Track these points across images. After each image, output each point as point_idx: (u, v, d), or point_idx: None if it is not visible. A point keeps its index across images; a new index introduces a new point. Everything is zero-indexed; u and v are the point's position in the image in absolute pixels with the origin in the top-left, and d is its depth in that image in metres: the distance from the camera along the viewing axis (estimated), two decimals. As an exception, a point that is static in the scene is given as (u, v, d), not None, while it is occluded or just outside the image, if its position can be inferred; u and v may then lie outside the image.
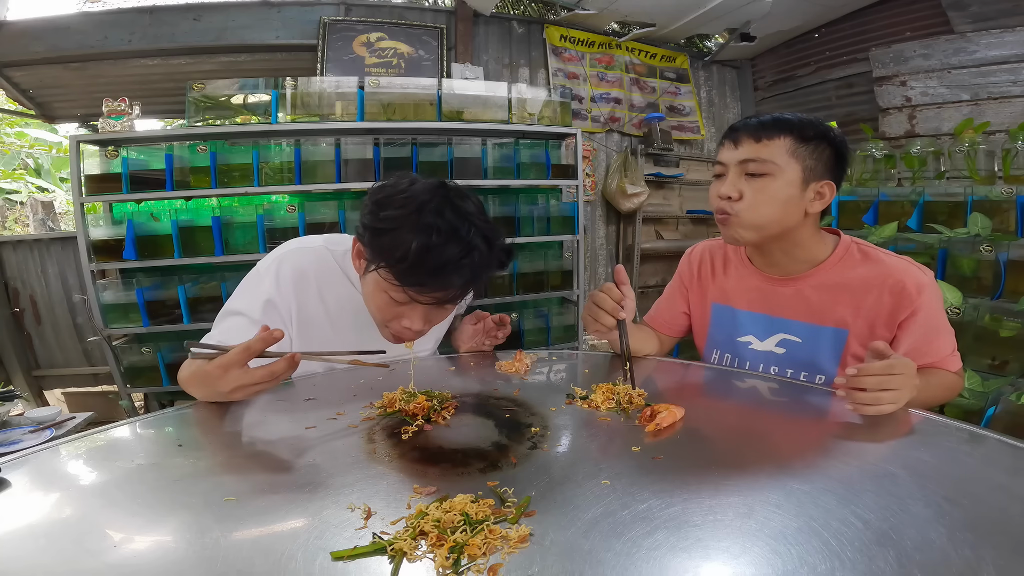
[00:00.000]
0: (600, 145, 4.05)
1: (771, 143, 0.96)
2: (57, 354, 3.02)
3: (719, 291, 1.16)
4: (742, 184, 0.98)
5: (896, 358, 0.77)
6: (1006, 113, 2.89)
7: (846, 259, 1.01)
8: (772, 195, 0.96)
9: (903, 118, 3.25)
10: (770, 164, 0.96)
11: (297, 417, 0.87)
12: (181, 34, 3.24)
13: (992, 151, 2.31)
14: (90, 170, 2.34)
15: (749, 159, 0.97)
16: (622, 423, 0.78)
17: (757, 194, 0.97)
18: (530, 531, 0.51)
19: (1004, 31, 2.90)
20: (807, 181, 0.97)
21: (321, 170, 2.44)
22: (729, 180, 1.00)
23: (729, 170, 1.00)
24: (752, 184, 0.97)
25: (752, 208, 0.98)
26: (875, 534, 0.49)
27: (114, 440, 0.80)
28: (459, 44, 3.55)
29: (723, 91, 4.58)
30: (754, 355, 1.09)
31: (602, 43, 4.04)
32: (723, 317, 1.15)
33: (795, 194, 0.97)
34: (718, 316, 1.16)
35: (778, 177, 0.96)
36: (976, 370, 1.83)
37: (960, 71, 3.03)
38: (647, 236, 4.15)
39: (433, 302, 0.89)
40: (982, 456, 0.68)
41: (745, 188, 0.98)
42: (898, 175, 2.64)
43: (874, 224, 2.37)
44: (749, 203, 0.98)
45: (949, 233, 2.06)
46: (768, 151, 0.96)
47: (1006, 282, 1.87)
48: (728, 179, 1.00)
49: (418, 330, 0.95)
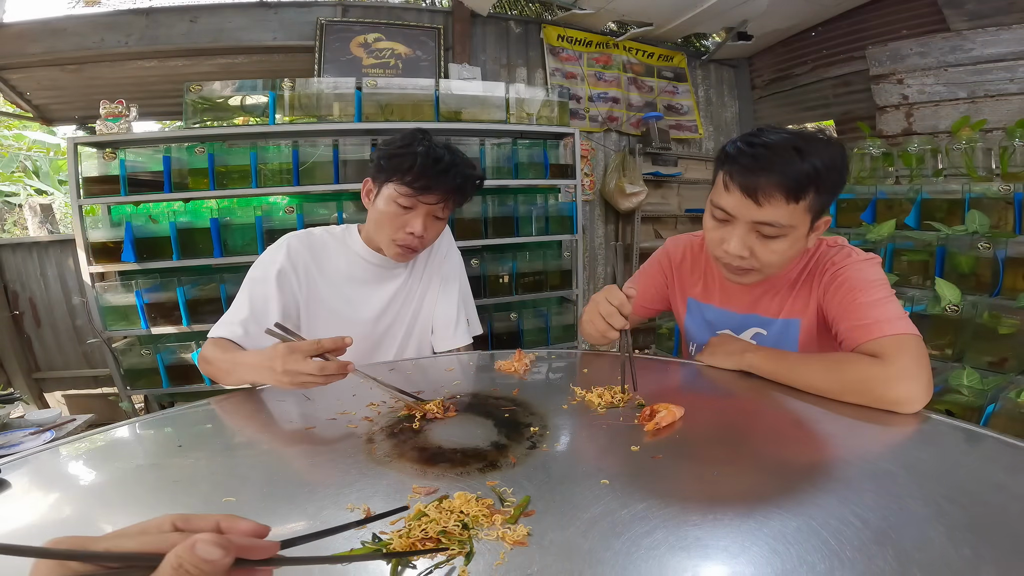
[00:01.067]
0: (598, 144, 4.05)
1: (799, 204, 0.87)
2: (57, 356, 3.02)
3: (694, 287, 1.20)
4: (752, 241, 0.92)
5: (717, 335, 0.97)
6: (1003, 111, 2.90)
7: (801, 257, 1.05)
8: (788, 254, 0.93)
9: (900, 116, 3.26)
10: (788, 228, 0.89)
11: (297, 417, 0.87)
12: (178, 36, 3.23)
13: (989, 149, 2.31)
14: (88, 172, 2.33)
15: (769, 223, 0.88)
16: (621, 423, 0.78)
17: (772, 254, 0.92)
18: (529, 531, 0.51)
19: (1000, 29, 2.90)
20: (813, 226, 0.93)
21: (319, 171, 2.44)
22: (739, 236, 0.91)
23: (737, 221, 0.92)
24: (767, 244, 0.91)
25: (770, 265, 0.94)
26: (874, 533, 0.49)
27: (114, 441, 0.80)
28: (456, 44, 3.55)
29: (721, 90, 4.58)
30: None
31: (600, 43, 4.04)
32: (697, 313, 1.20)
33: (803, 244, 0.95)
34: (693, 311, 1.21)
35: (790, 234, 0.90)
36: (975, 368, 1.83)
37: (957, 69, 3.04)
38: (646, 235, 4.16)
39: (435, 202, 1.14)
40: (981, 455, 0.68)
41: (756, 246, 0.92)
42: (896, 173, 2.65)
43: (872, 222, 2.38)
44: (767, 261, 0.93)
45: (947, 231, 2.06)
46: (792, 215, 0.87)
47: (1004, 279, 1.88)
48: (738, 235, 0.91)
49: (419, 235, 1.14)
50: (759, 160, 0.87)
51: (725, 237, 0.94)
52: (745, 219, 0.90)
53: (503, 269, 2.75)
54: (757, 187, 0.87)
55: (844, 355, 0.88)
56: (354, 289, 1.25)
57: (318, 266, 1.23)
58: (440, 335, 1.31)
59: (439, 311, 1.32)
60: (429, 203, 1.14)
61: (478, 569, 0.47)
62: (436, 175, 1.11)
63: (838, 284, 0.96)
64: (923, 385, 0.78)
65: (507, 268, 2.75)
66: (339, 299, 1.23)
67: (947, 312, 1.90)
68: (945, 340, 1.94)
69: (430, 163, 1.10)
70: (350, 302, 1.24)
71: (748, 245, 0.92)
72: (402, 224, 1.15)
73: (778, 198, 0.86)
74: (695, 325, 1.21)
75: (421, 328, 1.32)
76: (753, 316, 1.11)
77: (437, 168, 1.11)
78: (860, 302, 0.91)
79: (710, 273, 1.18)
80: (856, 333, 0.88)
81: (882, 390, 0.78)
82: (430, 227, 1.17)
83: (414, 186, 1.11)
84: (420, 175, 1.10)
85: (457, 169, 1.14)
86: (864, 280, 0.93)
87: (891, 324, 0.85)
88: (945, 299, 1.90)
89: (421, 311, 1.32)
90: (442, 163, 1.12)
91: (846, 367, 0.84)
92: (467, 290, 1.40)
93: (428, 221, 1.16)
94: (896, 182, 2.63)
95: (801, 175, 0.85)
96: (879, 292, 0.91)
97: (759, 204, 0.87)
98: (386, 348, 1.28)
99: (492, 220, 2.69)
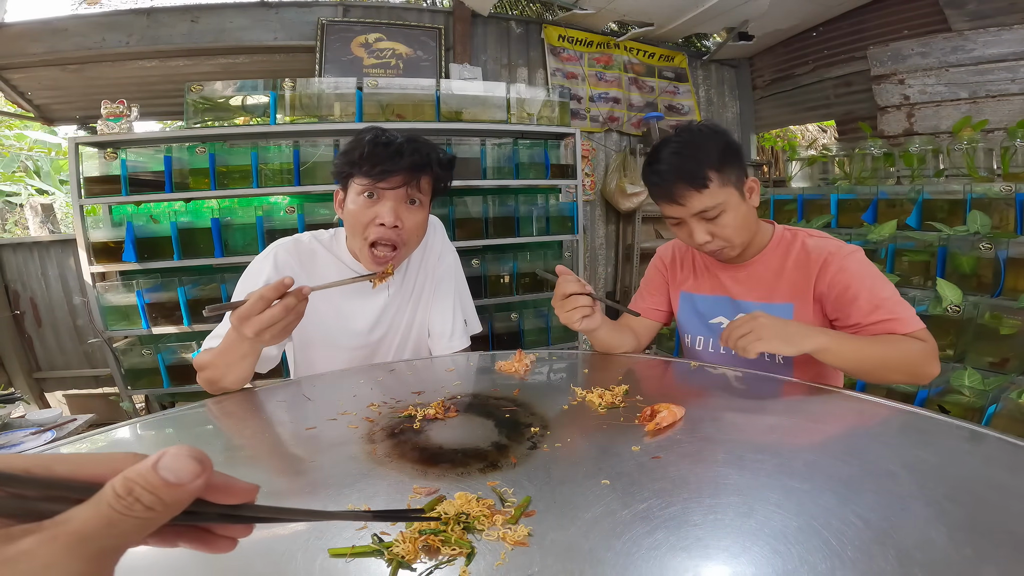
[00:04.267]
0: (599, 145, 4.05)
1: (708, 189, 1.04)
2: (58, 356, 3.03)
3: (685, 282, 1.29)
4: (705, 227, 1.08)
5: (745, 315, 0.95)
6: (1004, 111, 2.89)
7: (781, 243, 1.16)
8: (738, 222, 1.08)
9: (901, 116, 3.26)
10: (719, 203, 1.05)
11: (297, 418, 0.87)
12: (179, 36, 3.23)
13: (991, 149, 2.31)
14: (89, 172, 2.34)
15: (701, 211, 1.06)
16: (622, 423, 0.78)
17: (725, 228, 1.07)
18: (529, 531, 0.51)
19: (1001, 29, 2.90)
20: (740, 191, 1.08)
21: (320, 171, 2.44)
22: (695, 229, 1.08)
23: (685, 220, 1.09)
24: (717, 224, 1.07)
25: (731, 237, 1.09)
26: (876, 533, 0.49)
27: (114, 441, 0.80)
28: (457, 44, 3.55)
29: (722, 90, 4.58)
30: None
31: (600, 43, 4.04)
32: (688, 305, 1.27)
33: (745, 208, 1.09)
34: (684, 304, 1.28)
35: (727, 208, 1.06)
36: (976, 368, 1.83)
37: (958, 69, 3.04)
38: (646, 235, 4.16)
39: (398, 185, 1.08)
40: (983, 455, 0.68)
41: (713, 228, 1.08)
42: (897, 173, 2.65)
43: (873, 222, 2.37)
44: (727, 236, 1.08)
45: (948, 231, 2.06)
46: (713, 196, 1.04)
47: (1006, 280, 1.88)
48: (692, 228, 1.09)
49: (392, 224, 1.08)
50: (659, 178, 1.08)
51: (687, 233, 1.11)
52: (687, 215, 1.08)
53: (504, 269, 2.75)
54: (672, 197, 1.06)
55: (894, 336, 1.00)
56: (345, 300, 1.21)
57: (308, 277, 1.18)
58: (436, 341, 1.30)
59: (435, 317, 1.30)
60: (393, 187, 1.08)
61: (479, 569, 0.47)
62: (389, 157, 1.07)
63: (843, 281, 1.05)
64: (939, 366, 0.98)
65: (508, 268, 2.75)
66: (330, 310, 1.19)
67: (948, 312, 1.90)
68: (946, 340, 1.94)
69: (380, 147, 1.08)
70: (341, 313, 1.21)
71: (705, 231, 1.08)
72: (372, 217, 1.09)
73: (690, 194, 1.05)
74: (685, 317, 1.28)
75: (417, 334, 1.30)
76: (742, 302, 1.17)
77: (389, 151, 1.07)
78: (883, 296, 1.02)
79: (698, 265, 1.28)
80: (893, 325, 1.00)
81: (923, 366, 0.96)
82: (404, 215, 1.11)
83: (371, 174, 1.07)
84: (374, 161, 1.07)
85: (413, 147, 1.10)
86: (865, 277, 1.04)
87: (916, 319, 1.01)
88: (946, 299, 1.90)
89: (416, 318, 1.29)
90: (393, 145, 1.08)
91: (899, 345, 0.98)
92: (464, 290, 1.38)
93: (400, 209, 1.10)
94: (897, 182, 2.63)
95: (687, 172, 1.04)
96: (876, 284, 1.03)
97: (684, 204, 1.06)
98: (381, 357, 1.26)
99: (493, 220, 2.69)
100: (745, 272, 1.18)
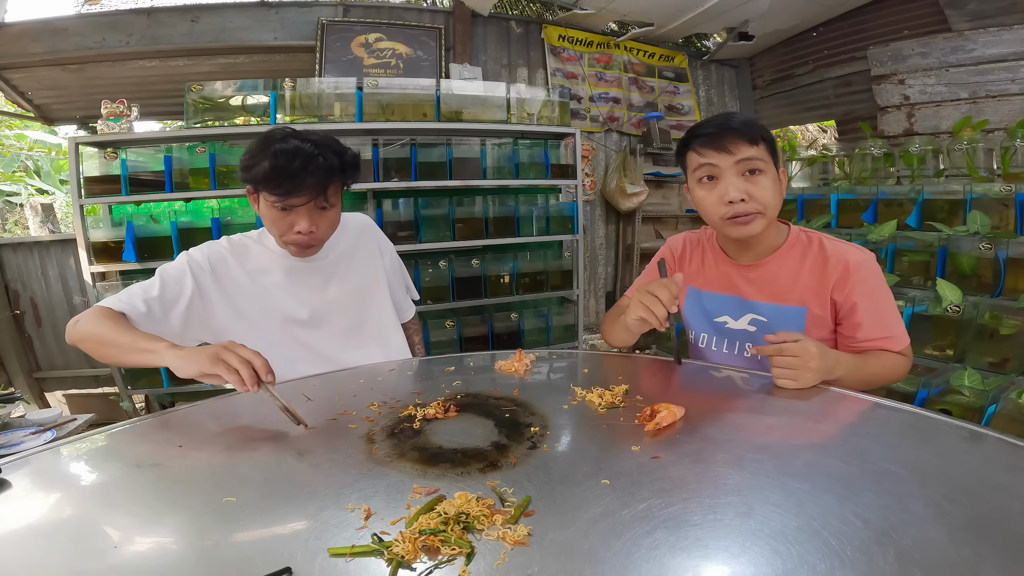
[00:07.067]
0: (599, 145, 4.05)
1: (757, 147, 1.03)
2: (58, 356, 3.02)
3: (695, 277, 1.25)
4: (743, 183, 1.03)
5: (793, 344, 0.91)
6: (1004, 111, 2.89)
7: (797, 245, 1.12)
8: (771, 186, 1.05)
9: (902, 116, 3.25)
10: (762, 162, 1.04)
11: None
12: (179, 35, 3.23)
13: (991, 149, 2.31)
14: (89, 172, 2.34)
15: (748, 158, 1.02)
16: (622, 423, 0.78)
17: (763, 190, 1.03)
18: (529, 531, 0.51)
19: (1002, 29, 2.90)
20: (776, 174, 1.08)
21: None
22: (732, 183, 1.03)
23: (724, 172, 1.04)
24: (756, 182, 1.03)
25: (765, 202, 1.04)
26: (875, 533, 0.49)
27: (114, 441, 0.80)
28: (457, 44, 3.55)
29: (722, 90, 4.58)
30: (731, 333, 1.17)
31: (600, 43, 4.04)
32: (695, 301, 1.24)
33: (778, 187, 1.07)
34: (691, 299, 1.25)
35: (767, 171, 1.04)
36: (976, 368, 1.83)
37: (958, 69, 3.03)
38: (647, 235, 4.16)
39: (306, 201, 1.08)
40: (982, 455, 0.68)
41: (750, 187, 1.03)
42: (897, 173, 2.64)
43: (873, 222, 2.37)
44: (761, 198, 1.03)
45: (948, 231, 2.06)
46: (760, 153, 1.04)
47: (1006, 280, 1.87)
48: (729, 181, 1.03)
49: (307, 231, 1.11)
50: (716, 124, 1.06)
51: (720, 192, 1.04)
52: (728, 165, 1.03)
53: (504, 269, 2.76)
54: (722, 144, 1.03)
55: (882, 353, 1.05)
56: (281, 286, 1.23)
57: (241, 266, 1.21)
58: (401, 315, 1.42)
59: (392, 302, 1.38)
60: (302, 203, 1.09)
61: (479, 569, 0.47)
62: (293, 175, 1.05)
63: (863, 293, 1.05)
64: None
65: (508, 268, 2.76)
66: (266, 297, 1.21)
67: (948, 312, 1.90)
68: (946, 340, 1.94)
69: (283, 164, 1.04)
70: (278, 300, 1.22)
71: (741, 187, 1.03)
72: (288, 226, 1.11)
73: (743, 143, 1.02)
74: (691, 313, 1.25)
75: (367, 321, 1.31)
76: (752, 302, 1.14)
77: (292, 167, 1.04)
78: (883, 315, 1.05)
79: (708, 262, 1.24)
80: (887, 343, 1.05)
81: (896, 380, 1.07)
82: (318, 220, 1.12)
83: (277, 192, 1.06)
84: (278, 181, 1.05)
85: (316, 162, 1.07)
86: (882, 291, 1.06)
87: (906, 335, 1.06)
88: (946, 299, 1.90)
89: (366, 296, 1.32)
90: (297, 160, 1.05)
91: (887, 363, 1.04)
92: (403, 269, 1.48)
93: (314, 216, 1.11)
94: (897, 182, 2.62)
95: (747, 125, 1.04)
96: (888, 300, 1.06)
97: (732, 152, 1.02)
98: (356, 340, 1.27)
99: (493, 220, 2.69)
100: (757, 272, 1.14)
